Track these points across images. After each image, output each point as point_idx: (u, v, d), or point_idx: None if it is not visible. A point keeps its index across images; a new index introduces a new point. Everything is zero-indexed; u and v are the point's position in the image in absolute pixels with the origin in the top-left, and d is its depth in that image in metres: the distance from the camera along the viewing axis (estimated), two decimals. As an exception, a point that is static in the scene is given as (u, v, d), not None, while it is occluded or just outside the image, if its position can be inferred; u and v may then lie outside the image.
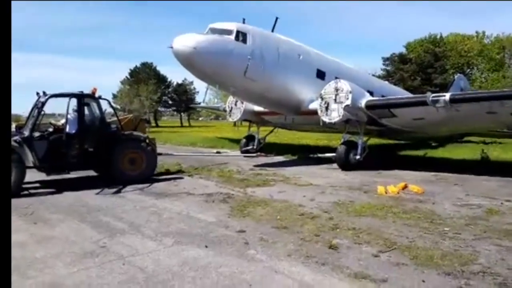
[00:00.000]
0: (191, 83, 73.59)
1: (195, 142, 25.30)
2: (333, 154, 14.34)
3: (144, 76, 65.58)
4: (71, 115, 10.33)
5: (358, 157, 13.77)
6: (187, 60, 12.93)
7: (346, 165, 13.72)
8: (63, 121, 10.41)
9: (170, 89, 73.59)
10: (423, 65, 51.60)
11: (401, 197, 9.15)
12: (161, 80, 69.50)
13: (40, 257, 5.29)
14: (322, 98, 13.94)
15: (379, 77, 52.24)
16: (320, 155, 16.24)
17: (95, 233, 6.31)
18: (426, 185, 10.54)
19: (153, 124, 63.56)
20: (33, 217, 7.33)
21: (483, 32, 57.94)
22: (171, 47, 12.81)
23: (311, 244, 5.75)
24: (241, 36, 13.61)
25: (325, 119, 13.82)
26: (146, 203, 8.45)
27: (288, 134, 25.51)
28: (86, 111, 10.71)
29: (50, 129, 10.28)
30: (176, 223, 6.87)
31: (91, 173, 11.67)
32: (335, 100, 13.60)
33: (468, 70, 57.02)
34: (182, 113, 77.79)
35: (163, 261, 5.12)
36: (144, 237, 6.14)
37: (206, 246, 5.64)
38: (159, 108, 71.61)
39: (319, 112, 13.96)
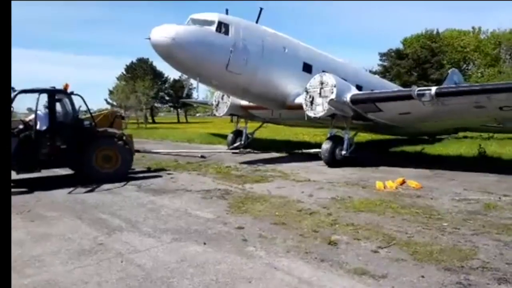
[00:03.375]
0: (188, 78, 73.02)
1: (192, 138, 25.18)
2: (319, 150, 14.02)
3: (141, 72, 65.24)
4: (42, 111, 10.06)
5: (344, 152, 13.55)
6: (166, 51, 12.52)
7: (332, 161, 13.47)
8: (31, 117, 10.09)
9: (166, 85, 73.28)
10: (419, 61, 51.61)
11: (399, 192, 9.15)
12: (158, 75, 69.22)
13: (37, 255, 5.25)
14: (307, 92, 13.65)
15: (375, 72, 52.32)
16: (305, 150, 15.99)
17: (92, 230, 6.27)
18: (424, 180, 10.56)
19: (150, 120, 63.39)
20: (30, 215, 7.27)
21: (479, 28, 57.99)
22: (149, 38, 12.37)
23: (310, 240, 5.73)
24: (223, 27, 13.14)
25: (310, 113, 13.55)
26: (143, 200, 8.41)
27: (285, 129, 25.49)
28: (58, 108, 10.41)
29: (21, 126, 9.93)
30: (174, 220, 6.84)
31: (67, 171, 11.50)
32: (320, 94, 13.30)
33: (465, 65, 57.09)
34: (179, 109, 77.49)
35: (161, 258, 5.09)
36: (142, 234, 6.10)
37: (205, 243, 5.61)
38: (156, 104, 71.27)
39: (304, 106, 13.66)
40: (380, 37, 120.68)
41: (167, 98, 74.84)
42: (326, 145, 13.71)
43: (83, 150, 10.32)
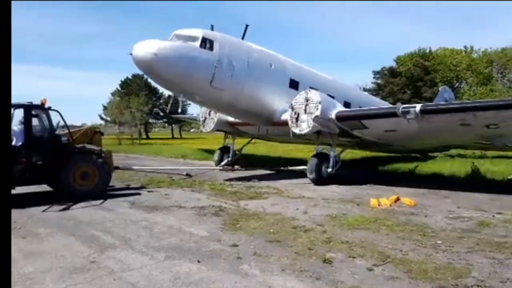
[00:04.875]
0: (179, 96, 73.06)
1: (186, 154, 25.12)
2: (305, 167, 13.81)
3: (135, 88, 65.33)
4: (18, 127, 9.90)
5: (330, 170, 13.36)
6: (148, 67, 12.31)
7: (318, 178, 13.29)
8: None
9: (161, 101, 73.33)
10: (413, 79, 52.24)
11: (393, 210, 9.16)
12: (152, 91, 69.27)
13: (28, 272, 5.17)
14: (292, 109, 13.52)
15: (369, 90, 52.84)
16: (291, 167, 15.80)
17: (85, 248, 6.20)
18: (418, 197, 10.59)
19: (144, 136, 63.18)
20: (22, 232, 7.18)
21: (471, 47, 58.96)
22: (131, 54, 12.17)
23: (305, 258, 5.70)
24: (207, 43, 12.97)
25: (296, 130, 13.38)
26: (137, 217, 8.33)
27: (280, 146, 25.47)
28: (35, 123, 10.21)
29: None
30: (167, 238, 6.77)
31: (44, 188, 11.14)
32: (305, 110, 13.18)
33: (457, 83, 57.79)
34: (173, 125, 77.41)
35: (154, 276, 5.03)
36: (135, 251, 6.04)
37: (199, 261, 5.56)
38: (150, 120, 71.15)
39: (289, 123, 13.53)
40: (374, 55, 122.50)
41: (161, 114, 74.80)
42: (312, 163, 13.54)
43: (60, 166, 10.08)
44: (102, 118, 64.84)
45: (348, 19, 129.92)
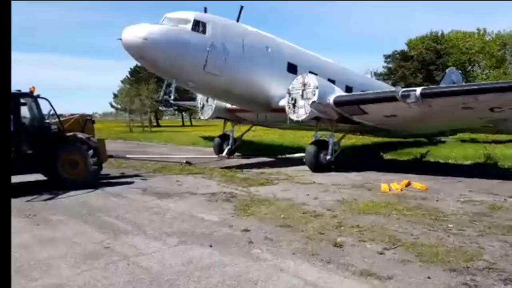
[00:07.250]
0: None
1: (197, 142, 25.26)
2: (303, 154, 13.47)
3: (145, 75, 65.41)
4: None
5: (329, 157, 12.96)
6: (138, 52, 11.82)
7: (317, 166, 12.88)
8: None
9: (171, 88, 73.34)
10: (424, 62, 51.46)
11: (404, 194, 9.14)
12: (162, 79, 69.25)
13: (44, 258, 5.28)
14: (289, 94, 13.05)
15: (380, 74, 52.20)
16: (288, 155, 15.41)
17: (98, 234, 6.30)
18: (429, 182, 10.53)
19: (154, 124, 63.54)
20: (36, 219, 7.31)
21: (484, 29, 57.54)
22: (121, 39, 11.65)
23: (316, 242, 5.74)
24: (200, 26, 12.39)
25: (293, 116, 12.93)
26: (149, 203, 8.44)
27: (292, 133, 25.40)
28: (24, 112, 9.97)
29: None
30: (179, 223, 6.86)
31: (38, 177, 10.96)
32: (302, 96, 12.70)
33: (470, 67, 56.78)
34: (183, 113, 77.59)
35: (167, 261, 5.11)
36: (148, 237, 6.13)
37: (211, 246, 5.63)
38: (160, 108, 71.34)
39: (286, 109, 13.09)
40: (385, 39, 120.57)
41: (171, 101, 74.88)
42: (309, 150, 13.14)
43: (50, 155, 9.92)
44: (112, 106, 65.30)
45: (359, 2, 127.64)
